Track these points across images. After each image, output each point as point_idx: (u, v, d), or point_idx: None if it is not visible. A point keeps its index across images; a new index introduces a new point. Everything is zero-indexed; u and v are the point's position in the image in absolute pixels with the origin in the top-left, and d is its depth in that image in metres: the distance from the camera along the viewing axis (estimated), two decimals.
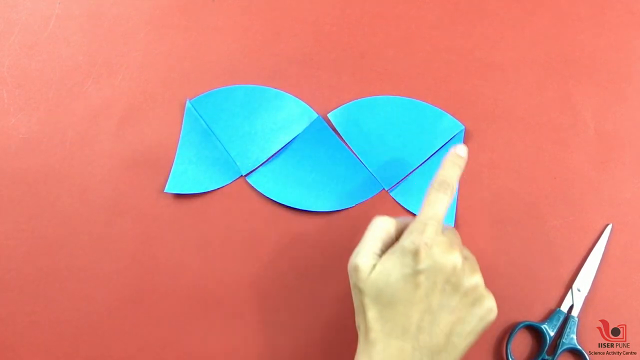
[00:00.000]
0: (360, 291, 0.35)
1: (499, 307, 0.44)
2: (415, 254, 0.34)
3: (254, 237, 0.46)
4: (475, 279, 0.35)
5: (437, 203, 0.36)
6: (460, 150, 0.39)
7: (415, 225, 0.35)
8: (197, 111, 0.48)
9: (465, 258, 0.36)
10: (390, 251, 0.35)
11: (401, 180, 0.47)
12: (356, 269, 0.35)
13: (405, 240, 0.35)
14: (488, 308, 0.36)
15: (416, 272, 0.34)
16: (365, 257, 0.36)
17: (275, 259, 0.46)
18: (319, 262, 0.46)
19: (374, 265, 0.35)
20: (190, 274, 0.46)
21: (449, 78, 0.48)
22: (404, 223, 0.37)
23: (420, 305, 0.34)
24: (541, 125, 0.47)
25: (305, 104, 0.48)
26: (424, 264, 0.34)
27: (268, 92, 0.48)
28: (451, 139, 0.47)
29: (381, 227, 0.37)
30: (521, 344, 0.44)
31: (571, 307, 0.44)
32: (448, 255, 0.34)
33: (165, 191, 0.46)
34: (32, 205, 0.47)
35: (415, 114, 0.47)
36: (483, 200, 0.46)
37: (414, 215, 0.46)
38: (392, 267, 0.34)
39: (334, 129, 0.47)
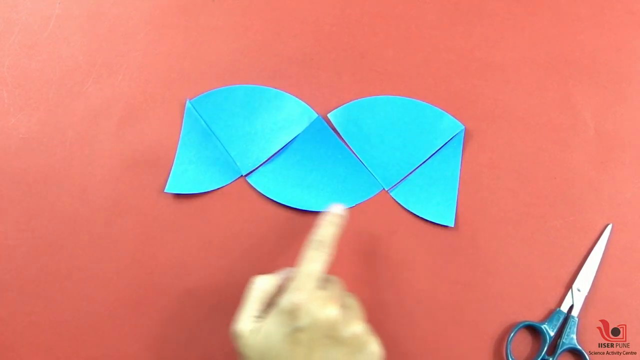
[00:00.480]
0: (245, 356, 0.36)
1: (499, 307, 0.44)
2: (293, 312, 0.35)
3: (254, 237, 0.46)
4: (355, 328, 0.36)
5: (313, 261, 0.37)
6: (337, 209, 0.40)
7: (292, 284, 0.36)
8: (197, 111, 0.48)
9: (347, 307, 0.37)
10: (271, 312, 0.36)
11: (401, 180, 0.47)
12: (236, 335, 0.36)
13: (283, 299, 0.35)
14: (371, 353, 0.36)
15: (295, 330, 0.34)
16: (243, 323, 0.36)
17: (275, 259, 0.46)
18: None
19: (254, 329, 0.36)
20: (190, 274, 0.46)
21: (449, 78, 0.48)
22: (284, 278, 0.38)
23: None
24: (541, 125, 0.47)
25: (305, 104, 0.48)
26: (302, 321, 0.34)
27: (268, 92, 0.48)
28: (451, 139, 0.47)
29: (258, 287, 0.38)
30: (521, 344, 0.44)
31: (571, 307, 0.44)
32: (325, 310, 0.35)
33: (165, 191, 0.46)
34: (32, 205, 0.47)
35: (415, 114, 0.47)
36: (483, 200, 0.46)
37: (414, 215, 0.46)
38: (272, 328, 0.35)
39: (334, 129, 0.47)
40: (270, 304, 0.37)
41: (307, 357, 0.35)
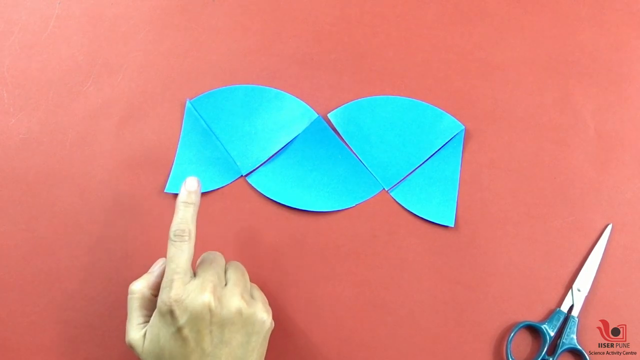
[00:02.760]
0: None
1: (499, 307, 0.44)
2: (170, 313, 0.35)
3: (254, 237, 0.46)
4: (234, 305, 0.36)
5: (176, 255, 0.37)
6: (189, 185, 0.39)
7: (164, 283, 0.36)
8: (197, 111, 0.48)
9: (223, 284, 0.37)
10: (152, 317, 0.37)
11: (401, 180, 0.47)
12: (130, 346, 0.38)
13: (159, 302, 0.36)
14: (259, 321, 0.37)
15: (179, 329, 0.35)
16: (132, 332, 0.37)
17: (275, 259, 0.46)
18: (319, 262, 0.46)
19: (143, 336, 0.37)
20: None
21: (449, 78, 0.48)
22: (159, 273, 0.39)
23: (195, 354, 0.35)
24: (541, 125, 0.47)
25: (305, 104, 0.48)
26: (181, 319, 0.35)
27: (268, 92, 0.48)
28: (451, 139, 0.47)
29: (133, 296, 0.38)
30: (521, 344, 0.44)
31: (571, 307, 0.44)
32: (199, 301, 0.35)
33: (165, 191, 0.46)
34: (32, 205, 0.47)
35: (415, 114, 0.47)
36: (483, 200, 0.46)
37: (414, 215, 0.46)
38: (158, 331, 0.36)
39: (334, 129, 0.47)
40: (153, 303, 0.38)
41: (197, 349, 0.35)
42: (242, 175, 0.47)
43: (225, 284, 0.38)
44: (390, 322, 0.45)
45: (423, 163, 0.47)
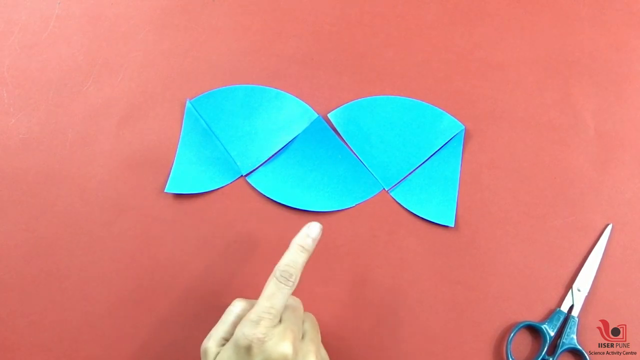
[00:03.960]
0: None
1: (499, 307, 0.44)
2: (248, 348, 0.34)
3: (254, 237, 0.46)
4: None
5: (276, 295, 0.36)
6: (312, 231, 0.38)
7: (250, 316, 0.35)
8: (197, 111, 0.48)
9: (301, 337, 0.37)
10: (229, 342, 0.36)
11: (401, 180, 0.47)
12: (204, 352, 0.36)
13: (239, 332, 0.35)
14: None
15: None
16: (213, 342, 0.36)
17: (275, 259, 0.46)
18: (318, 262, 0.46)
19: (218, 353, 0.36)
20: (190, 274, 0.46)
21: (449, 78, 0.48)
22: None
23: None
24: (541, 125, 0.47)
25: (305, 104, 0.48)
26: (256, 358, 0.34)
27: (268, 92, 0.48)
28: (451, 139, 0.47)
29: (234, 312, 0.37)
30: (521, 344, 0.44)
31: (571, 307, 0.44)
32: (278, 348, 0.34)
33: (165, 191, 0.46)
34: (32, 205, 0.47)
35: (415, 114, 0.47)
36: (483, 200, 0.46)
37: (414, 215, 0.46)
38: (228, 358, 0.35)
39: (334, 129, 0.47)
40: None
41: None
42: (242, 175, 0.47)
43: (302, 336, 0.37)
44: (390, 322, 0.45)
45: (423, 163, 0.47)
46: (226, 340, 0.37)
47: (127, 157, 0.47)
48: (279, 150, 0.47)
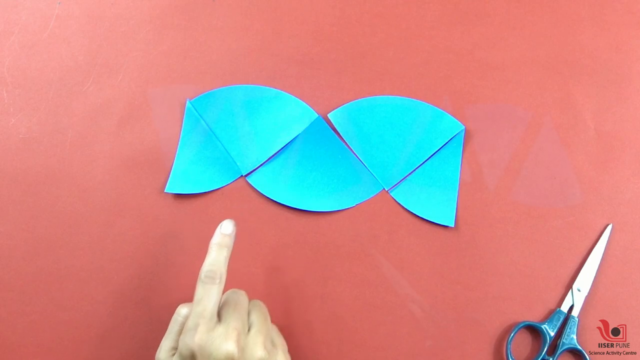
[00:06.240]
0: None
1: (499, 307, 0.44)
2: (193, 357, 0.35)
3: (254, 237, 0.46)
4: (257, 356, 0.36)
5: (205, 297, 0.36)
6: (225, 228, 0.38)
7: (188, 324, 0.35)
8: (197, 111, 0.48)
9: (247, 330, 0.37)
10: (176, 353, 0.36)
11: (401, 180, 0.47)
12: None
13: (181, 343, 0.35)
14: None
15: None
16: (164, 354, 0.37)
17: (275, 259, 0.46)
18: (318, 262, 0.46)
19: None
20: (190, 274, 0.46)
21: (449, 78, 0.48)
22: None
23: None
24: (541, 125, 0.47)
25: (305, 104, 0.48)
26: None
27: (268, 92, 0.48)
28: (451, 139, 0.47)
29: (178, 320, 0.38)
30: (521, 344, 0.44)
31: (571, 307, 0.44)
32: (222, 350, 0.34)
33: (165, 191, 0.46)
34: (32, 205, 0.47)
35: (415, 114, 0.47)
36: (483, 200, 0.46)
37: (414, 215, 0.46)
38: None
39: (334, 129, 0.47)
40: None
41: None
42: (242, 175, 0.47)
43: (249, 329, 0.37)
44: (390, 322, 0.45)
45: (423, 163, 0.47)
46: (175, 349, 0.37)
47: (127, 157, 0.47)
48: (279, 151, 0.47)
